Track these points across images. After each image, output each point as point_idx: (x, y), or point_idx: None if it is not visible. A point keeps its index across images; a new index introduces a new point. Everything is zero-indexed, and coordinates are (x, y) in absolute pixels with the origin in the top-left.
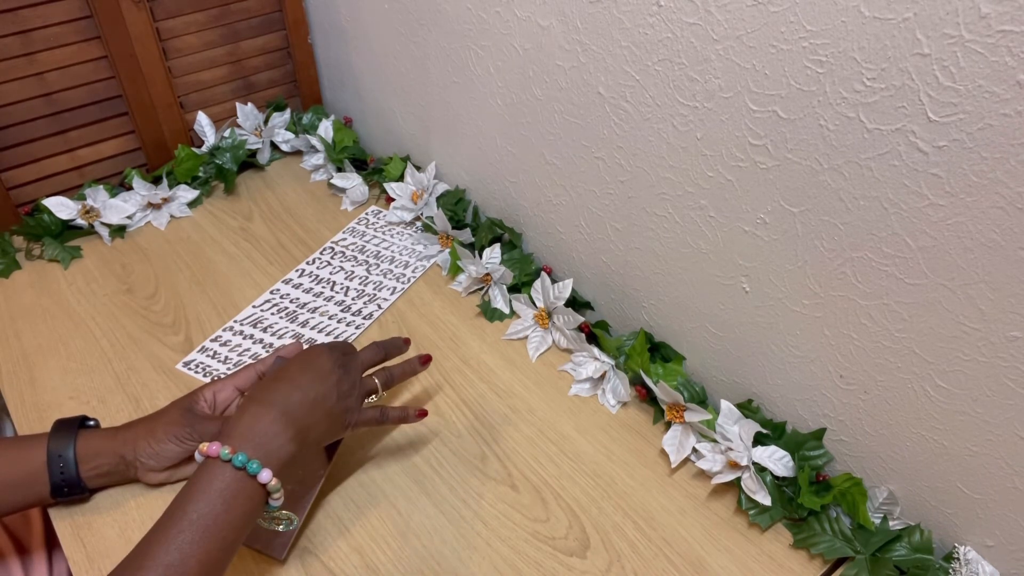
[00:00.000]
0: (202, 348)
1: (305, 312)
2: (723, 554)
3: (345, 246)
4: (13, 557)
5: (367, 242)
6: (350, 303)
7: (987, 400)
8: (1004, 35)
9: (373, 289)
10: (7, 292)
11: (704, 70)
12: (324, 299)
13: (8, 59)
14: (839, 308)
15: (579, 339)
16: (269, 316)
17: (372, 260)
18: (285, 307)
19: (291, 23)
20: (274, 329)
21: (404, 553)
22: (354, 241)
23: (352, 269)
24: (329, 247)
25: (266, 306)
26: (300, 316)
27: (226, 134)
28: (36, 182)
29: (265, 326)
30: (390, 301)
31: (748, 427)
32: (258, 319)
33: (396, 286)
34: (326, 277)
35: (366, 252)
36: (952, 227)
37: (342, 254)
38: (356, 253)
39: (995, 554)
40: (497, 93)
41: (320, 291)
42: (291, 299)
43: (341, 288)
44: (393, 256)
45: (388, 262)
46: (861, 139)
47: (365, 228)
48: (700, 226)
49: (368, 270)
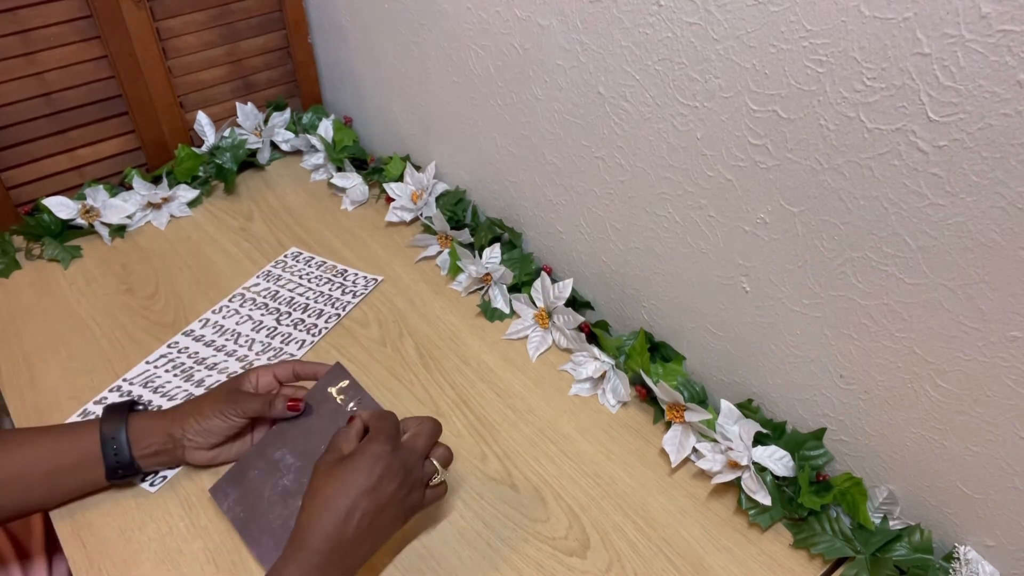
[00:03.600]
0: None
1: (203, 369)
2: (723, 554)
3: (257, 292)
4: (13, 560)
5: (281, 287)
6: (252, 359)
7: (987, 400)
8: (1004, 35)
9: (280, 342)
10: (7, 292)
11: (704, 70)
12: (226, 354)
13: (8, 59)
14: (839, 308)
15: (579, 339)
16: (163, 374)
17: (284, 308)
18: (182, 363)
19: (291, 23)
20: (165, 390)
21: (404, 553)
22: (268, 286)
23: (261, 319)
24: (239, 294)
25: (161, 361)
26: (196, 374)
27: (226, 134)
28: (36, 182)
29: (156, 385)
30: (296, 356)
31: (748, 427)
32: (150, 377)
33: (305, 339)
34: (231, 328)
35: (279, 299)
36: (952, 227)
37: (252, 301)
38: (268, 300)
39: (995, 554)
40: (497, 93)
41: (223, 344)
42: (189, 353)
43: (246, 341)
44: (307, 304)
45: (301, 311)
46: (861, 139)
47: (281, 272)
48: (700, 226)
49: (278, 320)
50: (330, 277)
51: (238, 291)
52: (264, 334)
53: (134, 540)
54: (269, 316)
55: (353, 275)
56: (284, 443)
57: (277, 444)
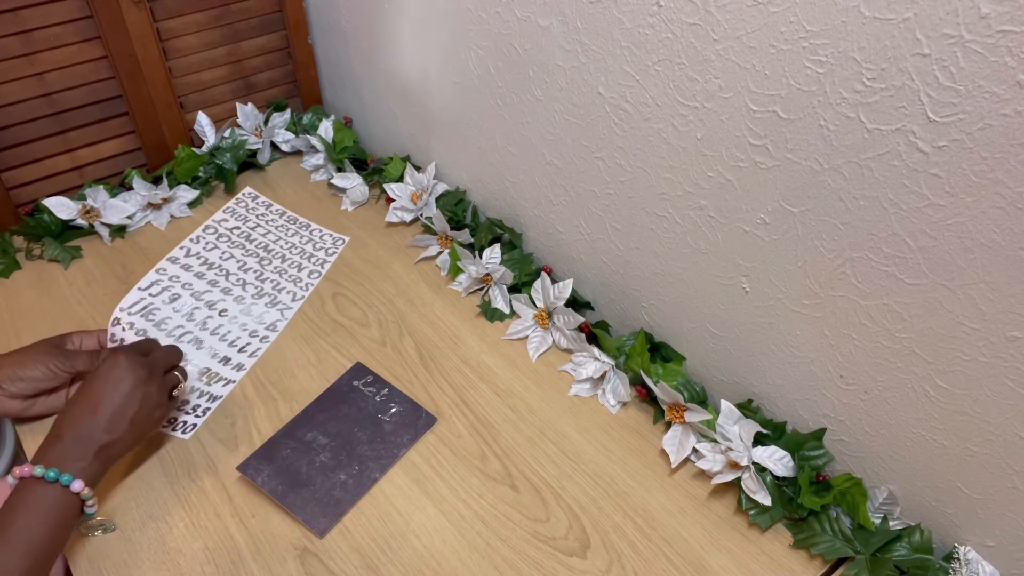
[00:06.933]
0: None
1: (203, 307)
2: (723, 554)
3: (228, 228)
4: None
5: (252, 229)
6: (250, 303)
7: (987, 400)
8: (1004, 35)
9: (272, 288)
10: (7, 292)
11: (704, 70)
12: (221, 291)
13: (8, 59)
14: (839, 308)
15: (579, 339)
16: (161, 305)
17: (263, 253)
18: (177, 294)
19: (291, 23)
20: (170, 327)
21: (404, 553)
22: (237, 225)
23: (244, 259)
24: (211, 226)
25: (155, 289)
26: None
27: (226, 134)
28: (36, 182)
29: (159, 319)
30: (293, 309)
31: (748, 427)
32: (148, 307)
33: (296, 291)
34: (216, 262)
35: (253, 241)
36: (952, 227)
37: (228, 238)
38: (243, 241)
39: (995, 554)
40: (497, 93)
41: (214, 279)
42: (183, 283)
43: (236, 280)
44: (284, 254)
45: (280, 259)
46: (861, 139)
47: (246, 212)
48: (700, 226)
49: (261, 264)
50: (296, 229)
51: (210, 222)
52: (253, 276)
53: (134, 540)
54: (251, 258)
55: (319, 231)
56: (314, 426)
57: (307, 427)
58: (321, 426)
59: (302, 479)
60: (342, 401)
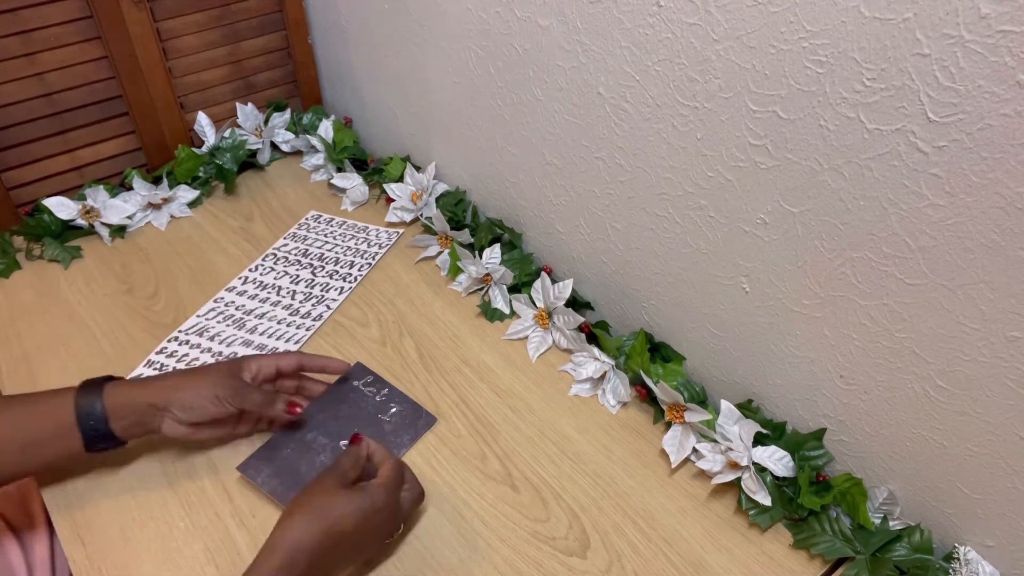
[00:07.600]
0: (148, 362)
1: (252, 318)
2: (723, 554)
3: (288, 251)
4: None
5: (309, 245)
6: (297, 306)
7: (987, 400)
8: (1004, 35)
9: (320, 291)
10: (7, 292)
11: (704, 70)
12: (271, 304)
13: (8, 59)
14: (839, 308)
15: (579, 339)
16: (215, 324)
17: (316, 263)
18: (231, 314)
19: (291, 23)
20: (222, 337)
21: (404, 553)
22: (296, 246)
23: (297, 273)
24: (271, 253)
25: (211, 314)
26: (248, 323)
27: (226, 134)
28: (36, 182)
29: (212, 334)
30: (339, 301)
31: (748, 427)
32: (203, 328)
33: (343, 286)
34: (271, 283)
35: (309, 255)
36: (952, 227)
37: (285, 259)
38: (299, 257)
39: (995, 554)
40: (497, 94)
41: (266, 297)
42: (236, 306)
43: (287, 292)
44: (337, 257)
45: (333, 263)
46: (861, 139)
47: (307, 233)
48: (700, 226)
49: (313, 273)
50: (353, 234)
51: (269, 251)
52: (303, 285)
53: (134, 540)
54: (304, 270)
55: (375, 230)
56: (314, 427)
57: (307, 427)
58: (321, 426)
59: (302, 479)
60: (342, 401)
